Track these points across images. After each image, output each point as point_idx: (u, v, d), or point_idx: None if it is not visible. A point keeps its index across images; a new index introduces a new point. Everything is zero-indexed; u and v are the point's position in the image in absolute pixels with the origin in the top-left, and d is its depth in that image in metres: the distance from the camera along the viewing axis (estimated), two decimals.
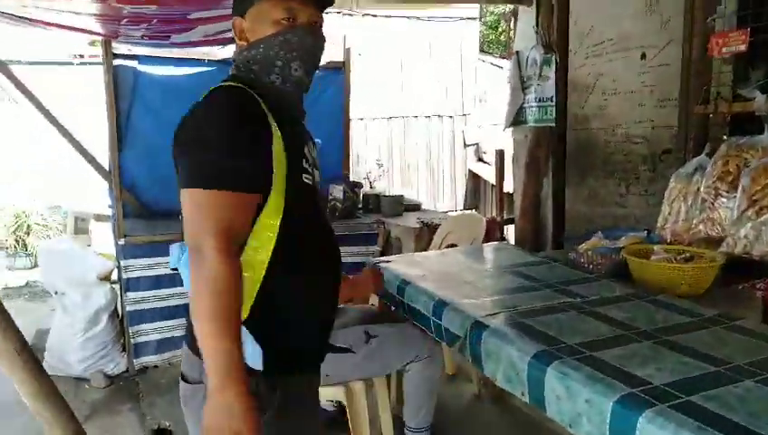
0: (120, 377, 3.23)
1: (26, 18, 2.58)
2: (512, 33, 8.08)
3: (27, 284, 5.12)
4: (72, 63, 5.68)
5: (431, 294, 1.90)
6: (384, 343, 2.12)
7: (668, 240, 2.41)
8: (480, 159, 6.98)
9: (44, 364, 3.21)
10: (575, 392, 1.27)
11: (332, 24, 6.26)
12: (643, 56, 3.06)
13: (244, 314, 1.10)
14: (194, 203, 1.04)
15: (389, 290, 2.13)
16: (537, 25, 3.35)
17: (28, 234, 5.60)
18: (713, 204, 2.27)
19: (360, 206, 4.04)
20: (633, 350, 1.42)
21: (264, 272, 1.11)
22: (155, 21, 2.31)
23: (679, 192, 2.46)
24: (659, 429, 1.08)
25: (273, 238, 1.10)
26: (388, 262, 2.31)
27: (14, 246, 5.56)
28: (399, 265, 2.23)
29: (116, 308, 3.26)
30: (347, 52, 3.91)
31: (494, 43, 12.56)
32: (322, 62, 3.89)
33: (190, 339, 1.16)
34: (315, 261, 1.19)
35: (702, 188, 2.31)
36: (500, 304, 1.79)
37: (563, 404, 1.30)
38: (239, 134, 1.05)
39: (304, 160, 1.18)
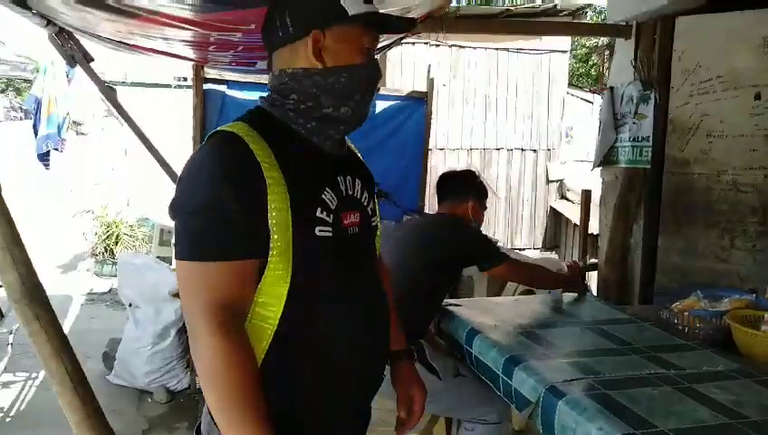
0: (182, 394, 3.25)
1: (125, 43, 2.70)
2: (604, 66, 7.75)
3: (110, 290, 5.38)
4: (170, 86, 6.02)
5: (502, 349, 1.73)
6: (468, 385, 1.99)
7: None
8: (563, 197, 6.65)
9: (112, 374, 3.32)
10: None
11: (419, 54, 6.25)
12: (757, 96, 2.76)
13: None
14: (183, 277, 0.93)
15: (457, 338, 1.98)
16: (635, 60, 3.12)
17: (117, 243, 5.92)
18: None
19: None
20: None
21: (268, 345, 0.96)
22: (240, 48, 2.34)
23: None
24: None
25: (280, 308, 0.95)
26: (457, 305, 2.17)
27: (103, 254, 5.89)
28: (469, 312, 2.07)
29: (184, 325, 3.30)
30: (430, 82, 3.85)
31: (584, 76, 12.16)
32: (405, 91, 3.82)
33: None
34: (337, 330, 1.01)
35: None
36: (580, 369, 1.59)
37: None
38: (224, 196, 0.91)
39: (319, 209, 1.00)
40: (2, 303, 3.13)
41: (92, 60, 3.37)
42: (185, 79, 6.72)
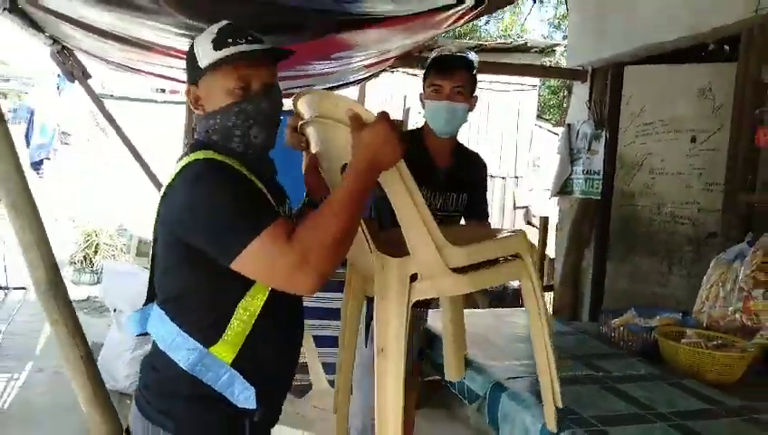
0: None
1: (128, 67, 2.92)
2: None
3: (88, 298, 5.47)
4: (156, 101, 6.21)
5: None
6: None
7: (704, 325, 2.39)
8: (529, 223, 7.01)
9: None
10: None
11: (395, 83, 6.52)
12: (693, 139, 3.12)
13: (231, 356, 1.13)
14: (254, 259, 1.03)
15: (419, 344, 2.22)
16: (590, 101, 3.47)
17: (96, 252, 6.02)
18: (750, 293, 2.26)
19: None
20: (645, 430, 1.46)
21: (255, 318, 1.14)
22: None
23: (719, 277, 2.45)
24: None
25: (266, 289, 1.13)
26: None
27: (82, 262, 5.98)
28: (432, 321, 2.32)
29: None
30: (406, 112, 4.14)
31: (555, 107, 12.71)
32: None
33: (139, 396, 1.21)
34: (289, 308, 1.23)
35: (740, 277, 2.31)
36: (523, 370, 1.85)
37: None
38: (243, 183, 1.10)
39: None
40: None
41: (90, 77, 3.58)
42: (162, 90, 6.92)
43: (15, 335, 3.57)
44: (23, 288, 3.95)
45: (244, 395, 1.13)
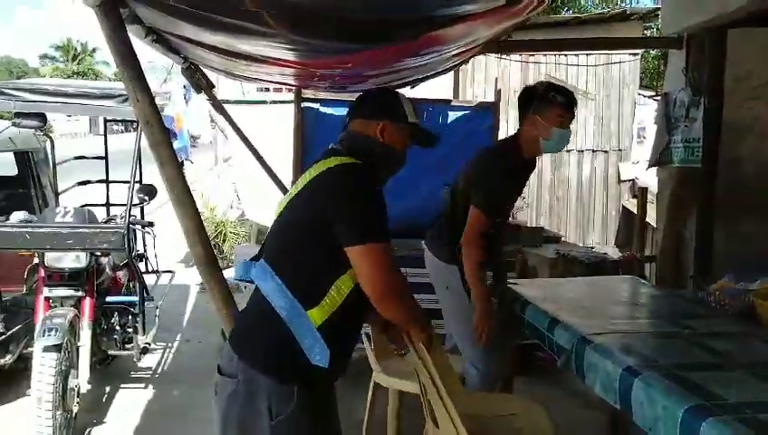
0: None
1: (242, 76, 3.36)
2: None
3: None
4: (265, 102, 6.79)
5: (548, 314, 2.16)
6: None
7: None
8: (635, 196, 6.80)
9: None
10: (655, 400, 1.48)
11: (486, 67, 6.59)
12: None
13: (320, 320, 1.38)
14: (379, 254, 1.37)
15: (514, 308, 2.42)
16: (687, 69, 3.41)
17: (224, 241, 6.74)
18: None
19: None
20: (722, 375, 1.57)
21: (345, 296, 1.40)
22: (338, 78, 2.91)
23: None
24: (718, 433, 1.27)
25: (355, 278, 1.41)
26: (515, 283, 2.61)
27: (213, 249, 6.71)
28: (524, 289, 2.51)
29: None
30: (497, 93, 4.27)
31: (663, 75, 11.95)
32: (475, 102, 4.27)
33: (233, 335, 1.52)
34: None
35: None
36: (609, 326, 2.00)
37: (645, 410, 1.51)
38: (382, 200, 1.45)
39: None
40: (149, 286, 3.86)
41: (214, 87, 4.11)
42: (267, 90, 7.48)
43: (166, 312, 4.19)
44: (171, 271, 4.60)
45: (320, 356, 1.37)
